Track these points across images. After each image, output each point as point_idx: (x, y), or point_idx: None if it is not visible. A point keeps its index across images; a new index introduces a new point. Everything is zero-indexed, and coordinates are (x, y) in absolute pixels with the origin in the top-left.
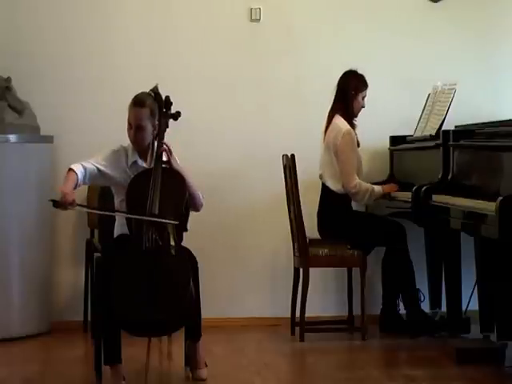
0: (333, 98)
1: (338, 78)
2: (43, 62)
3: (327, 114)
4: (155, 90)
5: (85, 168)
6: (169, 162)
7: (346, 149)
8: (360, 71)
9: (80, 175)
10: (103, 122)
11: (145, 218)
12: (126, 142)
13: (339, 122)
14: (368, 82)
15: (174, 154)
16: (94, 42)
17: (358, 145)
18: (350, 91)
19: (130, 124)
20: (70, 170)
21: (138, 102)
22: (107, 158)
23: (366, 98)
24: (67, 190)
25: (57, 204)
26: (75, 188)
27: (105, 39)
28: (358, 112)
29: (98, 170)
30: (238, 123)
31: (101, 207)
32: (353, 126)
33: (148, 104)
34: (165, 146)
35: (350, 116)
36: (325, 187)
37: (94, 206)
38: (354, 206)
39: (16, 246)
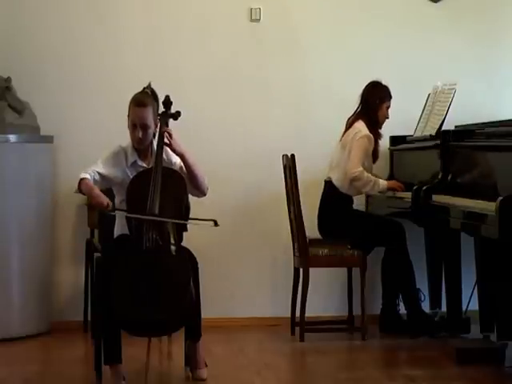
0: (356, 107)
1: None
2: (43, 62)
3: (347, 121)
4: (150, 88)
5: (91, 176)
6: (170, 144)
7: (359, 144)
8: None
9: (92, 181)
10: (103, 121)
11: (171, 220)
12: (126, 141)
13: (360, 125)
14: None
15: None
16: (94, 42)
17: (377, 157)
18: (375, 101)
19: (134, 125)
20: (84, 178)
21: (141, 102)
22: (107, 161)
23: (390, 109)
24: (102, 199)
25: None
26: None
27: (105, 39)
28: (383, 122)
29: (100, 175)
30: (237, 123)
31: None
32: (377, 135)
33: (150, 103)
34: (167, 130)
35: (373, 125)
36: (327, 187)
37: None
38: (355, 205)
39: (16, 246)
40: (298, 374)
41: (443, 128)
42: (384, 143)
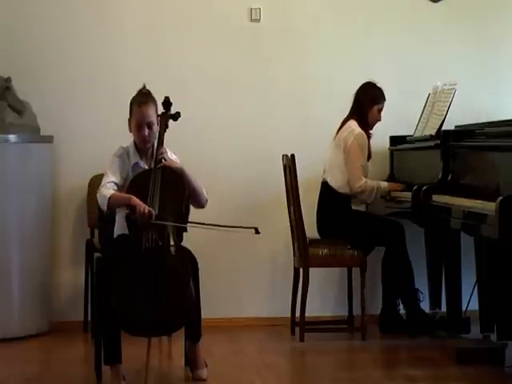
0: (349, 107)
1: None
2: (43, 62)
3: (341, 121)
4: (146, 89)
5: (114, 190)
6: (167, 163)
7: (356, 149)
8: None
9: None
10: (103, 121)
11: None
12: (126, 142)
13: (353, 124)
14: None
15: (171, 154)
16: (94, 42)
17: (370, 155)
18: (366, 101)
19: (139, 124)
20: (112, 195)
21: (143, 101)
22: (116, 168)
23: (382, 112)
24: (141, 203)
25: (140, 220)
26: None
27: (105, 39)
28: (373, 124)
29: (116, 185)
30: (237, 123)
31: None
32: (367, 134)
33: (151, 101)
34: (163, 150)
35: (364, 126)
36: (324, 187)
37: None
38: (355, 205)
39: (16, 246)
40: (298, 374)
41: (443, 128)
42: (384, 143)
